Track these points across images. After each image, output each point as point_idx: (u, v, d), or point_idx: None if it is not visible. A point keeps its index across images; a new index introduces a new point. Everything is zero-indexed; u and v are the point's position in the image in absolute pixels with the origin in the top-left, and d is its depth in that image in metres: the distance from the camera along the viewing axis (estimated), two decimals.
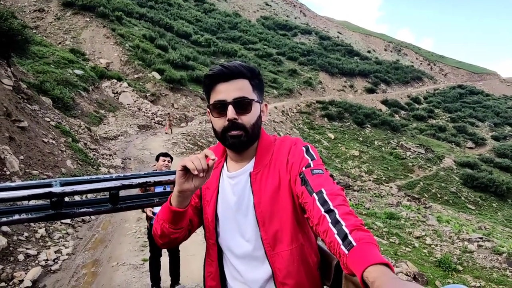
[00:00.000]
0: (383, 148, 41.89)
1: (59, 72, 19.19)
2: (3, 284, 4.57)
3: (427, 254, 14.73)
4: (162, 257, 4.63)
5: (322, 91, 57.61)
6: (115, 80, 26.96)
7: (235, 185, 1.24)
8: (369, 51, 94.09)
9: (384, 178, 35.09)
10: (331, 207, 0.97)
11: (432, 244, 15.73)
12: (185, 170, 1.07)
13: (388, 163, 38.40)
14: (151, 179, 1.27)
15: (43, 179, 8.05)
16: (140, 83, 29.52)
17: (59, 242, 6.21)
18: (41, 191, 1.07)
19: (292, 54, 64.38)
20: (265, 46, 64.02)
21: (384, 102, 60.57)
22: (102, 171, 10.83)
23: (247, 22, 75.58)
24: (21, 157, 8.14)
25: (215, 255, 1.28)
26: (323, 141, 40.41)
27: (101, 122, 19.12)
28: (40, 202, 1.17)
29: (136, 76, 30.38)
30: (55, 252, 5.74)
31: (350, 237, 0.88)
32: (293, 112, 44.22)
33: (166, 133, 20.92)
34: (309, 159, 1.16)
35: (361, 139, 43.01)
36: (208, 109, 1.25)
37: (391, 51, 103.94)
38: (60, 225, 6.88)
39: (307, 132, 40.98)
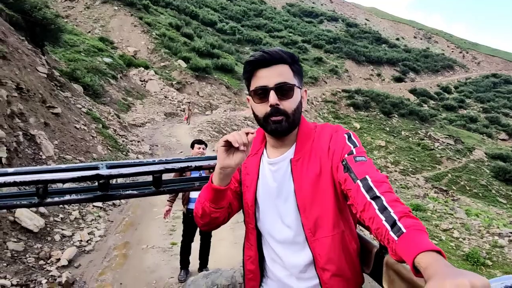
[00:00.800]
0: (410, 139, 40.93)
1: (89, 60, 19.70)
2: (42, 262, 4.83)
3: (454, 248, 14.42)
4: (193, 242, 4.73)
5: (348, 80, 56.62)
6: (142, 68, 27.42)
7: (275, 171, 1.25)
8: (397, 39, 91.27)
9: (410, 169, 34.36)
10: (377, 194, 0.97)
11: (459, 238, 15.36)
12: (227, 145, 1.11)
13: (415, 154, 37.55)
14: (192, 164, 1.31)
15: (76, 164, 8.37)
16: (167, 71, 29.90)
17: (91, 224, 6.47)
18: (89, 173, 1.13)
19: (318, 42, 63.40)
20: (290, 34, 63.32)
21: (413, 91, 58.88)
22: (131, 157, 11.13)
23: (273, 9, 74.75)
24: (56, 142, 8.47)
25: (254, 239, 1.31)
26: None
27: (129, 109, 19.56)
28: (87, 184, 1.22)
29: (162, 64, 30.78)
30: (88, 233, 5.99)
31: (399, 224, 0.88)
32: (317, 101, 43.73)
33: (187, 123, 20.47)
34: (352, 146, 1.16)
35: (387, 129, 42.15)
36: (249, 96, 1.25)
37: (421, 39, 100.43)
38: (92, 208, 7.16)
39: (332, 122, 40.47)
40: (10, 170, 1.11)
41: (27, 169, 1.13)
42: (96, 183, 1.16)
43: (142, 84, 25.59)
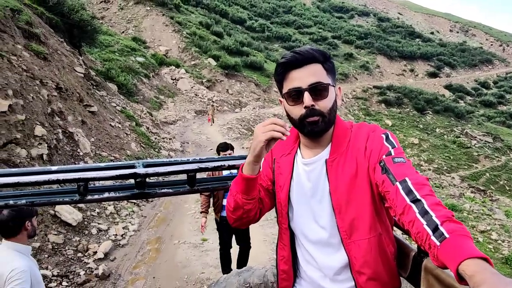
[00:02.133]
0: (445, 136, 39.44)
1: (123, 59, 20.31)
2: (80, 254, 5.06)
3: (493, 250, 13.78)
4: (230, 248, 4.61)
5: (380, 76, 55.27)
6: (174, 67, 27.97)
7: (310, 171, 1.24)
8: (432, 33, 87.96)
9: (445, 167, 33.15)
10: (418, 197, 0.94)
11: (498, 240, 14.66)
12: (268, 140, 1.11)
13: (451, 152, 36.16)
14: (226, 163, 1.32)
15: (111, 160, 8.66)
16: (197, 70, 30.33)
17: (126, 219, 6.69)
18: (127, 172, 1.16)
19: (348, 38, 62.21)
20: (320, 30, 62.49)
21: (448, 87, 56.60)
22: (163, 154, 11.40)
23: (302, 6, 74.02)
24: (92, 139, 8.80)
25: (288, 240, 1.30)
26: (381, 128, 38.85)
27: (161, 107, 20.03)
28: (124, 182, 1.26)
29: (193, 62, 31.24)
30: (123, 228, 6.20)
31: (441, 228, 0.85)
32: (348, 98, 42.96)
33: (210, 124, 19.32)
34: (390, 147, 1.13)
35: (421, 126, 40.82)
36: (283, 98, 1.24)
37: (457, 32, 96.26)
38: (127, 204, 7.40)
39: (363, 119, 39.62)
40: (54, 168, 1.16)
41: (68, 167, 1.19)
42: (133, 181, 1.19)
43: (173, 82, 26.12)
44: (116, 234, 5.93)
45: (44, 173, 1.13)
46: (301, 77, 1.16)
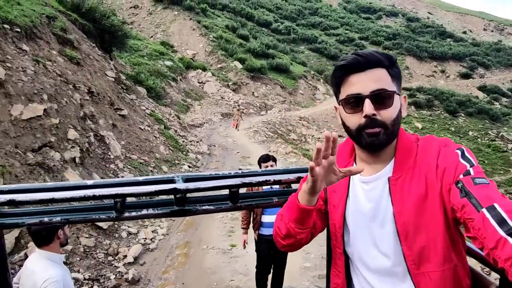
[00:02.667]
0: (479, 140, 37.90)
1: (152, 63, 20.69)
2: (110, 257, 5.09)
3: None
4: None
5: (409, 77, 53.99)
6: (200, 70, 28.28)
7: (370, 190, 1.09)
8: (464, 32, 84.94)
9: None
10: None
11: None
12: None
13: (485, 156, 34.69)
14: (271, 178, 1.20)
15: (141, 163, 8.76)
16: (223, 73, 30.55)
17: (155, 222, 6.71)
18: (167, 187, 1.08)
19: (376, 38, 61.06)
20: (346, 31, 61.71)
21: (482, 88, 54.36)
22: (190, 156, 11.46)
23: (328, 7, 73.33)
24: (122, 142, 8.94)
25: (342, 266, 1.16)
26: (410, 131, 37.90)
27: (188, 110, 20.25)
28: (163, 197, 1.18)
29: (219, 66, 31.50)
30: (152, 231, 6.22)
31: None
32: None
33: (236, 129, 18.62)
34: (467, 165, 0.96)
35: (453, 129, 39.43)
36: (339, 104, 1.11)
37: (492, 31, 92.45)
38: None
39: None
40: (89, 182, 1.09)
41: (105, 181, 1.11)
42: (172, 196, 1.11)
43: (200, 85, 26.40)
44: (146, 238, 5.95)
45: (79, 188, 1.06)
46: (363, 82, 1.03)
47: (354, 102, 1.04)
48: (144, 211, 1.08)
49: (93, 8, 12.47)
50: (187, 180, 1.13)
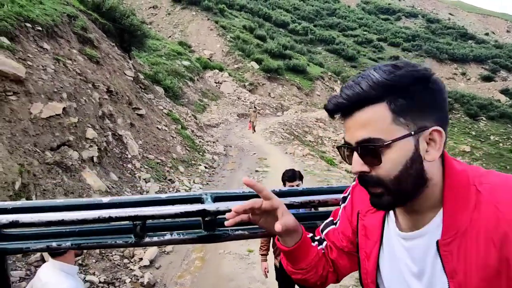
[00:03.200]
0: (500, 144, 36.85)
1: (169, 63, 20.77)
2: (126, 260, 5.00)
3: None
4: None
5: None
6: (217, 70, 28.30)
7: (411, 249, 0.83)
8: (487, 34, 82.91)
9: None
10: None
11: None
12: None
13: (507, 162, 33.68)
14: (315, 198, 1.03)
15: (157, 163, 8.70)
16: (239, 73, 30.51)
17: None
18: (194, 209, 0.92)
19: (395, 40, 60.30)
20: (365, 32, 61.13)
21: (504, 91, 52.85)
22: (207, 157, 11.37)
23: (346, 8, 72.65)
24: (140, 142, 8.90)
25: None
26: None
27: (204, 110, 20.23)
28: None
29: (236, 66, 31.48)
30: None
31: None
32: None
33: (252, 131, 17.81)
34: None
35: (473, 133, 38.47)
36: None
37: None
38: None
39: None
40: (105, 200, 0.95)
41: (122, 199, 0.97)
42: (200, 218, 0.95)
43: (216, 85, 26.39)
44: None
45: (93, 207, 0.92)
46: (350, 130, 0.78)
47: (348, 153, 0.81)
48: (168, 236, 0.93)
49: (113, 8, 12.53)
50: (216, 199, 0.98)
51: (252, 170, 10.60)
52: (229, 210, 0.89)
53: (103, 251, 4.93)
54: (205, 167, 10.47)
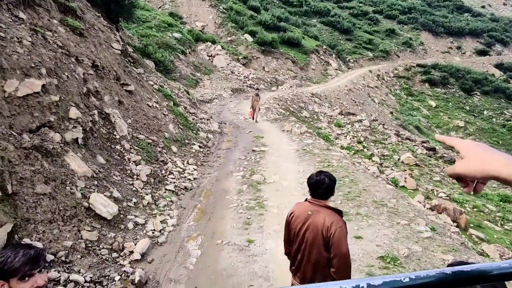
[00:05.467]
0: (494, 119, 36.95)
1: (160, 35, 19.78)
2: (115, 254, 4.58)
3: None
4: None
5: (424, 53, 52.42)
6: (210, 43, 27.26)
7: None
8: (483, 7, 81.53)
9: None
10: None
11: None
12: None
13: (500, 137, 33.85)
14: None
15: (149, 144, 8.18)
16: (233, 46, 29.51)
17: (164, 210, 6.20)
18: None
19: (391, 12, 58.97)
20: (360, 4, 59.60)
21: (499, 66, 52.49)
22: (201, 136, 10.85)
23: None
24: (129, 120, 8.34)
25: None
26: (423, 109, 36.98)
27: (197, 85, 19.49)
28: None
29: (229, 38, 30.40)
30: (161, 222, 5.70)
31: None
32: (389, 77, 40.93)
33: (254, 120, 14.53)
34: None
35: (467, 108, 38.41)
36: None
37: None
38: (165, 192, 6.91)
39: (405, 99, 37.80)
40: None
41: None
42: None
43: (209, 59, 25.46)
44: (154, 230, 5.43)
45: None
46: None
47: None
48: None
49: None
50: None
51: (248, 149, 10.13)
52: None
53: (89, 244, 4.50)
54: (200, 147, 9.98)
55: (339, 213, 2.64)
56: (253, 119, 14.53)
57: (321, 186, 2.64)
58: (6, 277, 1.44)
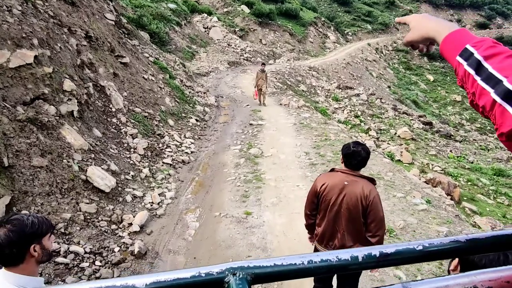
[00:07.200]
0: None
1: (154, 6, 19.22)
2: (114, 226, 4.62)
3: None
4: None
5: None
6: (206, 14, 26.58)
7: None
8: None
9: (489, 127, 31.02)
10: None
11: None
12: None
13: None
14: None
15: (145, 117, 8.10)
16: (229, 17, 28.82)
17: (162, 183, 6.22)
18: None
19: None
20: None
21: (499, 39, 51.61)
22: (197, 109, 10.76)
23: None
24: (125, 93, 8.22)
25: None
26: (420, 83, 36.81)
27: (193, 58, 19.15)
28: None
29: (225, 10, 29.65)
30: (159, 195, 5.73)
31: None
32: (388, 50, 40.42)
33: (260, 103, 12.40)
34: None
35: None
36: None
37: None
38: (162, 165, 6.91)
39: (403, 73, 37.52)
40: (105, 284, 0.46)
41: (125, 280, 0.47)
42: None
43: (205, 31, 24.90)
44: (152, 202, 5.47)
45: None
46: None
47: None
48: None
49: None
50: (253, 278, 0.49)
51: (246, 123, 10.09)
52: None
53: (88, 216, 4.52)
54: (196, 120, 9.92)
55: (373, 181, 2.75)
56: (259, 101, 12.26)
57: (357, 157, 2.71)
58: (40, 237, 1.50)
